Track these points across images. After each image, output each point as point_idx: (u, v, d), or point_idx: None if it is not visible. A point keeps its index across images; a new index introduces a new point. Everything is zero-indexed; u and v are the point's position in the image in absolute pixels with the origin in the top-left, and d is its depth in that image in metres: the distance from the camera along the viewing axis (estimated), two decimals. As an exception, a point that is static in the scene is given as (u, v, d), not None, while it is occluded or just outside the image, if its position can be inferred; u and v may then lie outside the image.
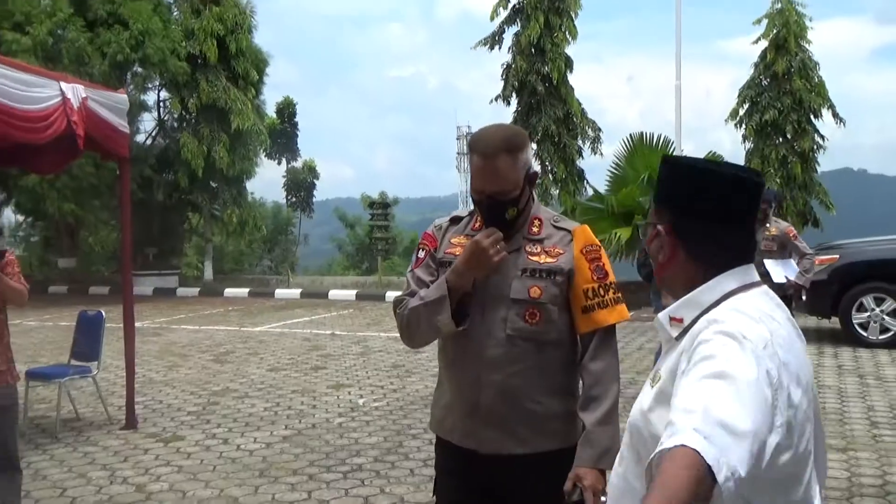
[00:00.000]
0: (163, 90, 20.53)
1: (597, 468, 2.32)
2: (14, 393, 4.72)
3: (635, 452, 1.58)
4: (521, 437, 2.43)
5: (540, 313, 2.41)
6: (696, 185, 1.62)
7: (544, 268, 2.43)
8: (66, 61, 16.60)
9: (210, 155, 19.57)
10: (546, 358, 2.42)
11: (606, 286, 2.44)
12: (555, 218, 2.56)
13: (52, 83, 6.39)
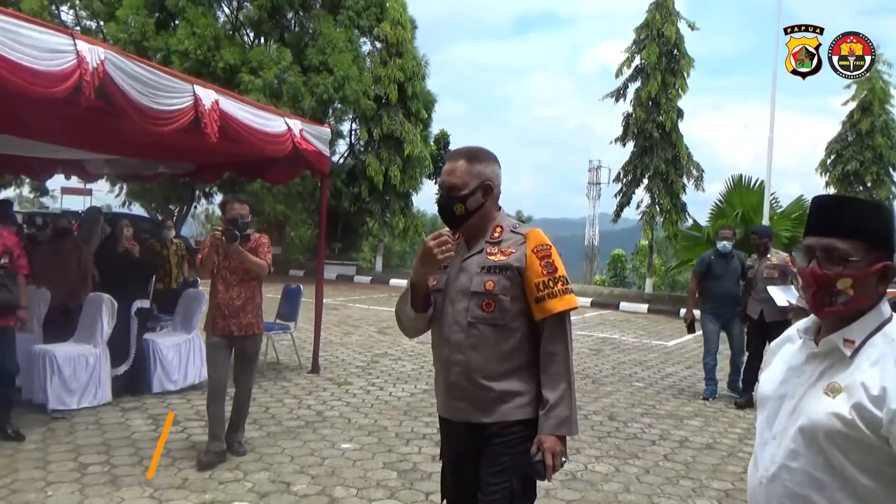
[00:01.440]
0: (354, 122, 21.57)
1: (555, 435, 2.34)
2: (260, 340, 5.38)
3: (819, 450, 1.50)
4: (485, 408, 2.42)
5: (494, 303, 2.39)
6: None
7: (497, 264, 2.41)
8: (285, 98, 17.55)
9: (387, 174, 20.46)
10: (503, 342, 2.39)
11: (556, 279, 2.38)
12: (514, 225, 2.53)
13: (279, 119, 7.36)
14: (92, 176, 11.36)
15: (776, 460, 1.59)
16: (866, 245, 1.54)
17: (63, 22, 20.74)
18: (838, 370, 1.54)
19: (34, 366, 5.99)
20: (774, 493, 1.59)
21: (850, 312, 1.57)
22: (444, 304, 2.49)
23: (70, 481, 4.54)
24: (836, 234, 1.57)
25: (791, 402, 1.61)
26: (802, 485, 1.52)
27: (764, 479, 1.62)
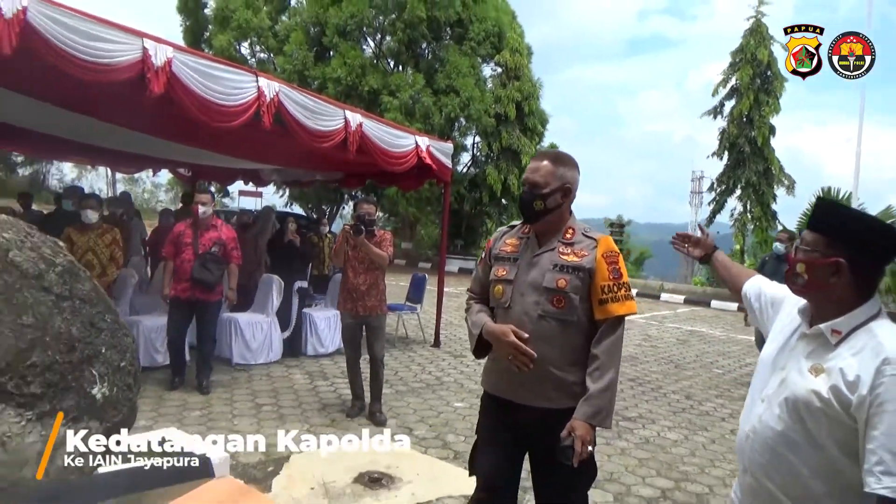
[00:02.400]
0: (476, 136, 22.18)
1: (589, 423, 2.23)
2: (384, 319, 5.51)
3: (799, 419, 1.58)
4: (548, 395, 2.33)
5: (565, 300, 2.30)
6: (882, 236, 1.60)
7: (570, 264, 2.32)
8: (418, 115, 18.35)
9: (505, 181, 20.86)
10: (568, 336, 2.31)
11: (620, 284, 2.30)
12: (585, 229, 2.42)
13: (411, 136, 7.93)
14: (264, 182, 12.55)
15: (763, 421, 1.68)
16: (826, 240, 1.61)
17: (243, 56, 22.55)
18: (823, 354, 1.60)
19: (223, 329, 6.87)
20: (758, 447, 1.68)
21: (810, 293, 1.67)
22: (512, 295, 2.38)
23: (249, 416, 5.30)
24: (809, 227, 1.68)
25: (782, 373, 1.68)
26: (782, 444, 1.62)
27: (751, 434, 1.71)
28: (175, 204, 25.64)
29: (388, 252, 5.31)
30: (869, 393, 1.47)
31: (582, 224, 2.44)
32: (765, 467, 1.67)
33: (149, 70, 5.22)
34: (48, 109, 7.17)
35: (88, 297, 2.24)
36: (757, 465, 1.69)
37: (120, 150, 10.07)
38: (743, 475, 1.78)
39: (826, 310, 1.64)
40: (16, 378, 1.91)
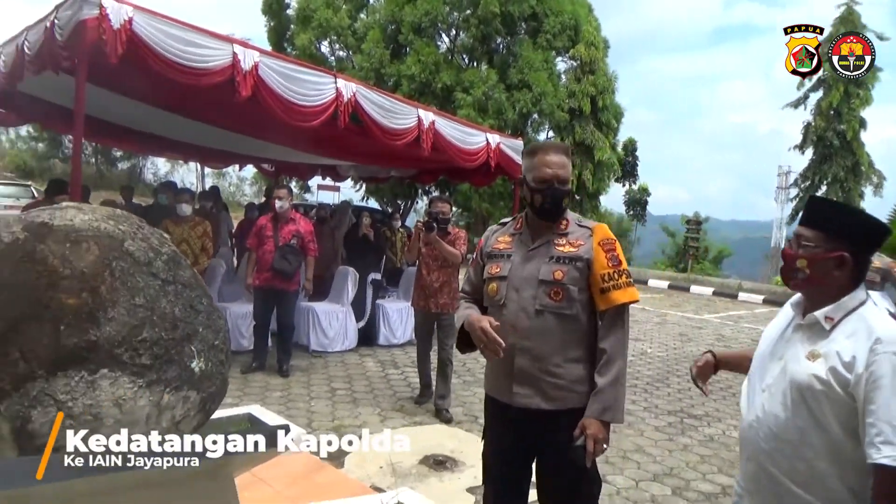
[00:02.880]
0: (550, 131, 22.09)
1: (600, 420, 2.16)
2: (453, 316, 5.31)
3: (802, 402, 1.66)
4: (549, 395, 2.23)
5: (562, 292, 2.22)
6: (874, 229, 1.71)
7: (567, 255, 2.26)
8: (490, 111, 18.43)
9: (580, 177, 20.74)
10: (568, 330, 2.23)
11: (620, 272, 2.24)
12: (578, 219, 2.37)
13: (482, 134, 8.09)
14: (341, 177, 13.01)
15: (766, 409, 1.76)
16: (825, 235, 1.70)
17: (323, 54, 23.28)
18: (818, 340, 1.70)
19: (301, 318, 7.27)
20: (762, 435, 1.76)
21: (810, 287, 1.75)
22: (507, 292, 2.30)
23: (325, 399, 5.63)
24: (806, 224, 1.77)
25: (780, 363, 1.77)
26: (786, 430, 1.70)
27: (754, 423, 1.79)
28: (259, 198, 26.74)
29: (462, 250, 5.39)
30: (865, 370, 1.57)
31: (574, 214, 2.41)
32: (770, 454, 1.75)
33: (238, 73, 5.61)
34: (146, 109, 7.76)
35: (189, 282, 2.52)
36: (762, 453, 1.77)
37: (209, 146, 10.72)
38: (746, 463, 1.86)
39: (820, 300, 1.73)
40: (129, 350, 2.21)
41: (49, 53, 5.30)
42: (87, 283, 2.17)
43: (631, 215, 30.44)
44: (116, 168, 29.45)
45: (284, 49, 23.68)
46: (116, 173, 28.88)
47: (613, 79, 21.12)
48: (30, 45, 5.64)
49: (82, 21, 4.77)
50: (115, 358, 2.16)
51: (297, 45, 22.37)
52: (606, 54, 21.27)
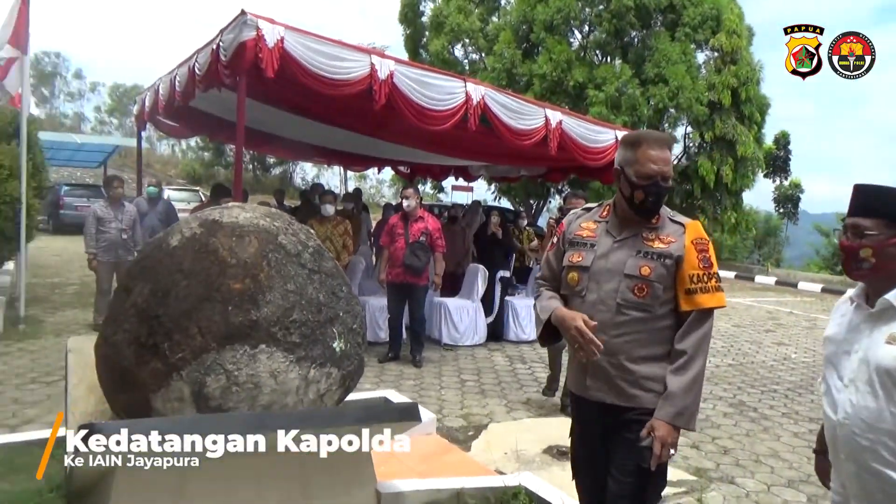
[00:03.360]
0: (687, 126, 21.18)
1: (671, 424, 2.05)
2: None
3: (891, 389, 1.67)
4: (622, 391, 2.15)
5: (647, 288, 2.12)
6: None
7: (656, 251, 2.14)
8: (623, 108, 18.02)
9: (718, 172, 19.69)
10: (649, 327, 2.13)
11: (710, 275, 2.12)
12: (671, 214, 2.24)
13: (610, 131, 8.04)
14: (473, 177, 13.34)
15: (855, 403, 1.73)
16: (886, 222, 1.73)
17: (456, 58, 23.86)
18: (893, 322, 1.70)
19: (433, 312, 7.61)
20: (856, 430, 1.73)
21: (877, 275, 1.75)
22: (588, 283, 2.21)
23: (455, 389, 5.90)
24: (860, 213, 1.78)
25: (857, 355, 1.76)
26: (881, 419, 1.68)
27: (844, 421, 1.76)
28: (396, 199, 27.85)
29: None
30: None
31: (666, 209, 2.25)
32: (870, 449, 1.71)
33: (375, 82, 6.02)
34: (295, 119, 8.47)
35: (331, 272, 2.85)
36: (860, 450, 1.73)
37: (350, 151, 11.45)
38: (844, 464, 1.80)
39: (888, 285, 1.74)
40: (282, 329, 2.55)
41: (215, 72, 5.98)
42: (249, 270, 2.55)
43: (780, 213, 28.42)
44: (270, 173, 31.95)
45: (419, 55, 24.51)
46: (270, 178, 31.33)
47: (758, 69, 19.84)
48: (199, 66, 6.39)
49: (242, 42, 5.36)
50: (271, 335, 2.51)
51: (431, 51, 23.09)
52: (751, 42, 20.04)
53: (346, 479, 2.82)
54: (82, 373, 3.00)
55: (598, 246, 2.23)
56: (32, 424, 4.24)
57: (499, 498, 3.26)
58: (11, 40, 6.61)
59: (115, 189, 7.16)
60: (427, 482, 3.21)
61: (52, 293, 9.18)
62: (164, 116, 9.20)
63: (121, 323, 2.51)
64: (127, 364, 2.46)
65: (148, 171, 20.92)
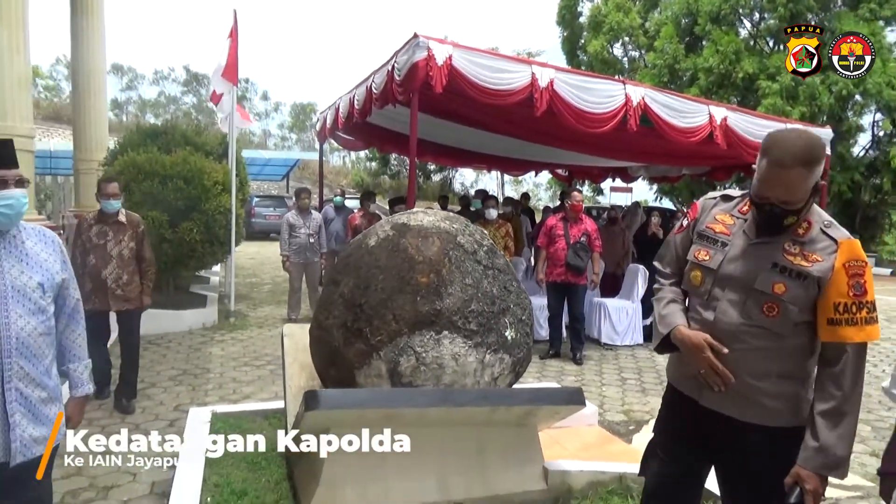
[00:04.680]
0: (876, 113, 19.18)
1: (822, 474, 1.81)
2: None
3: None
4: (739, 405, 1.94)
5: (779, 309, 1.85)
6: None
7: (797, 269, 1.84)
8: (801, 98, 16.77)
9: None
10: (774, 345, 1.89)
11: (861, 304, 1.80)
12: (826, 223, 1.89)
13: (781, 126, 7.65)
14: (632, 178, 13.17)
15: None
16: None
17: (615, 57, 23.47)
18: None
19: (593, 312, 7.72)
20: None
21: None
22: (712, 288, 1.99)
23: (615, 386, 6.01)
24: None
25: None
26: None
27: None
28: (553, 201, 27.90)
29: None
30: None
31: (822, 215, 1.92)
32: None
33: (535, 90, 6.30)
34: (457, 128, 8.98)
35: (503, 268, 3.18)
36: None
37: (509, 156, 11.82)
38: None
39: None
40: (462, 318, 2.91)
41: (390, 90, 6.59)
42: (433, 266, 2.94)
43: None
44: (431, 180, 33.33)
45: (577, 56, 24.41)
46: (431, 184, 32.70)
47: (964, 44, 17.49)
48: (376, 86, 7.06)
49: (415, 63, 5.88)
50: (452, 323, 2.89)
51: (589, 52, 22.92)
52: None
53: (518, 456, 3.13)
54: (295, 354, 3.59)
55: (731, 247, 1.97)
56: (249, 399, 5.01)
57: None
58: (224, 73, 7.72)
59: (303, 199, 8.05)
60: (591, 464, 3.42)
61: (252, 291, 10.46)
62: (342, 131, 10.14)
63: (331, 310, 3.01)
64: (336, 344, 2.95)
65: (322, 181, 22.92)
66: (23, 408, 2.00)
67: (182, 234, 7.08)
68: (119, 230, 4.67)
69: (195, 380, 5.48)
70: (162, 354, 6.21)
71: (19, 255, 2.04)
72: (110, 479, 3.44)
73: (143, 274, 4.76)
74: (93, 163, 8.91)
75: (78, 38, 9.29)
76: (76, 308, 2.25)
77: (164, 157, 7.21)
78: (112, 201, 4.62)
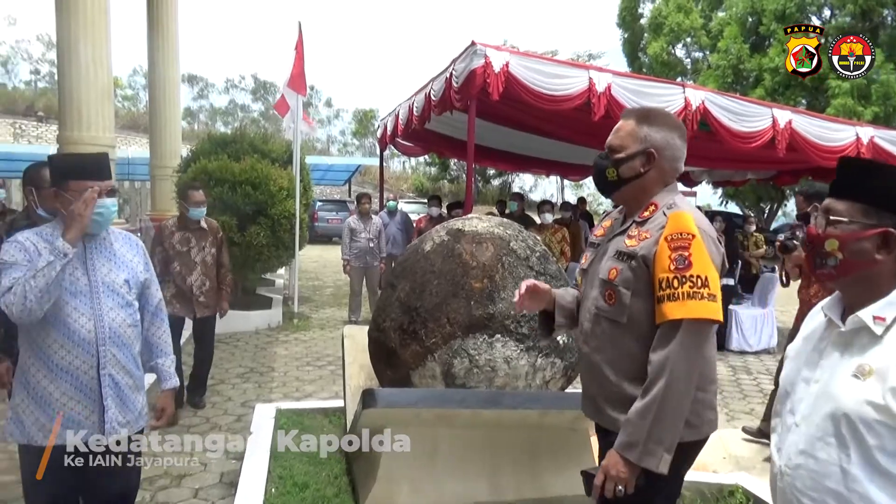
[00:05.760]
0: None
1: (621, 455, 1.70)
2: None
3: (849, 439, 1.23)
4: (600, 408, 1.88)
5: (614, 295, 1.80)
6: None
7: (625, 251, 1.80)
8: (873, 97, 16.10)
9: None
10: (620, 340, 1.80)
11: (683, 278, 1.67)
12: (671, 205, 1.81)
13: (850, 129, 7.40)
14: (694, 182, 12.89)
15: (800, 448, 1.31)
16: (864, 207, 1.28)
17: (677, 58, 23.00)
18: (868, 350, 1.25)
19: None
20: (797, 484, 1.31)
21: (845, 278, 1.33)
22: (585, 289, 1.98)
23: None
24: (836, 194, 1.34)
25: (816, 385, 1.32)
26: (829, 476, 1.25)
27: (787, 469, 1.34)
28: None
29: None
30: None
31: (674, 198, 1.85)
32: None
33: (593, 95, 6.30)
34: (515, 134, 9.03)
35: (555, 274, 3.23)
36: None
37: (568, 161, 11.76)
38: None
39: (864, 296, 1.29)
40: (514, 322, 2.97)
41: (448, 98, 6.70)
42: (486, 272, 3.02)
43: None
44: (490, 184, 33.41)
45: (638, 58, 24.03)
46: (490, 189, 32.78)
47: None
48: (435, 93, 7.19)
49: (472, 70, 5.98)
50: (505, 327, 2.96)
51: (650, 54, 22.54)
52: None
53: (569, 457, 3.16)
54: (355, 354, 3.73)
55: (601, 246, 1.98)
56: (310, 398, 5.20)
57: (714, 494, 3.36)
58: (291, 84, 8.02)
59: (364, 204, 8.26)
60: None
61: (314, 294, 10.77)
62: (402, 138, 10.33)
63: (388, 313, 3.13)
64: (393, 346, 3.06)
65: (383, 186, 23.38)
66: (113, 393, 2.19)
67: (250, 238, 7.38)
68: (201, 237, 4.72)
69: (261, 377, 5.73)
70: (231, 353, 6.50)
71: (108, 255, 2.25)
72: (183, 468, 3.66)
73: (222, 279, 4.83)
74: (167, 169, 9.37)
75: (154, 51, 9.81)
76: (159, 307, 2.44)
77: (233, 164, 7.53)
78: (200, 208, 4.67)
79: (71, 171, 2.18)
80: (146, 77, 36.63)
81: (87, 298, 2.15)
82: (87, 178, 2.15)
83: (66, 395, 2.13)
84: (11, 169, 16.25)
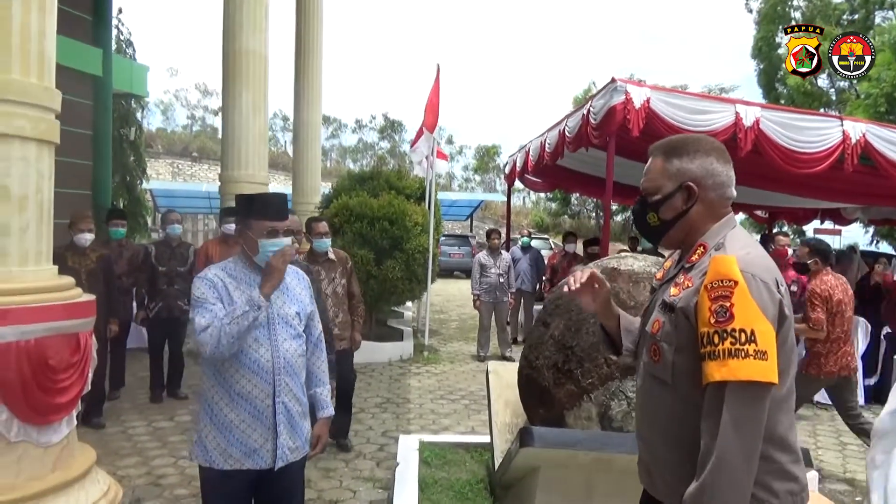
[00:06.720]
0: None
1: None
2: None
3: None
4: (653, 480, 1.68)
5: (659, 351, 1.59)
6: None
7: (668, 301, 1.59)
8: None
9: None
10: (667, 402, 1.59)
11: (724, 333, 1.42)
12: (719, 245, 1.58)
13: None
14: (845, 220, 11.92)
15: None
16: None
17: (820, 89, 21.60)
18: None
19: (802, 365, 7.06)
20: None
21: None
22: (640, 339, 1.81)
23: (834, 451, 5.43)
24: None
25: None
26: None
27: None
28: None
29: None
30: None
31: (726, 235, 1.60)
32: None
33: (740, 130, 6.05)
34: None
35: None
36: None
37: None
38: None
39: None
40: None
41: (584, 134, 6.67)
42: (645, 312, 2.93)
43: None
44: (613, 220, 32.75)
45: (775, 89, 22.85)
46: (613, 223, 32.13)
47: None
48: (569, 130, 7.19)
49: (612, 106, 5.93)
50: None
51: (790, 84, 21.35)
52: None
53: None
54: (500, 391, 3.73)
55: (657, 291, 1.77)
56: (448, 431, 5.24)
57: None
58: (426, 122, 8.33)
59: (494, 240, 8.33)
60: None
61: (441, 327, 10.93)
62: (531, 174, 10.37)
63: (541, 350, 3.11)
64: (546, 384, 3.04)
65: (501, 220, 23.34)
66: (286, 419, 2.32)
67: (386, 271, 7.65)
68: (330, 268, 4.66)
69: (398, 408, 5.86)
70: (367, 383, 6.71)
71: (282, 289, 2.39)
72: (335, 493, 3.79)
73: (353, 310, 4.79)
74: (309, 205, 9.96)
75: (299, 98, 10.55)
76: (320, 338, 2.56)
77: (372, 200, 7.88)
78: (324, 240, 4.64)
79: (255, 211, 2.33)
80: (284, 121, 39.07)
81: (265, 330, 2.30)
82: (268, 219, 2.30)
83: (244, 423, 2.27)
84: (171, 205, 17.94)
